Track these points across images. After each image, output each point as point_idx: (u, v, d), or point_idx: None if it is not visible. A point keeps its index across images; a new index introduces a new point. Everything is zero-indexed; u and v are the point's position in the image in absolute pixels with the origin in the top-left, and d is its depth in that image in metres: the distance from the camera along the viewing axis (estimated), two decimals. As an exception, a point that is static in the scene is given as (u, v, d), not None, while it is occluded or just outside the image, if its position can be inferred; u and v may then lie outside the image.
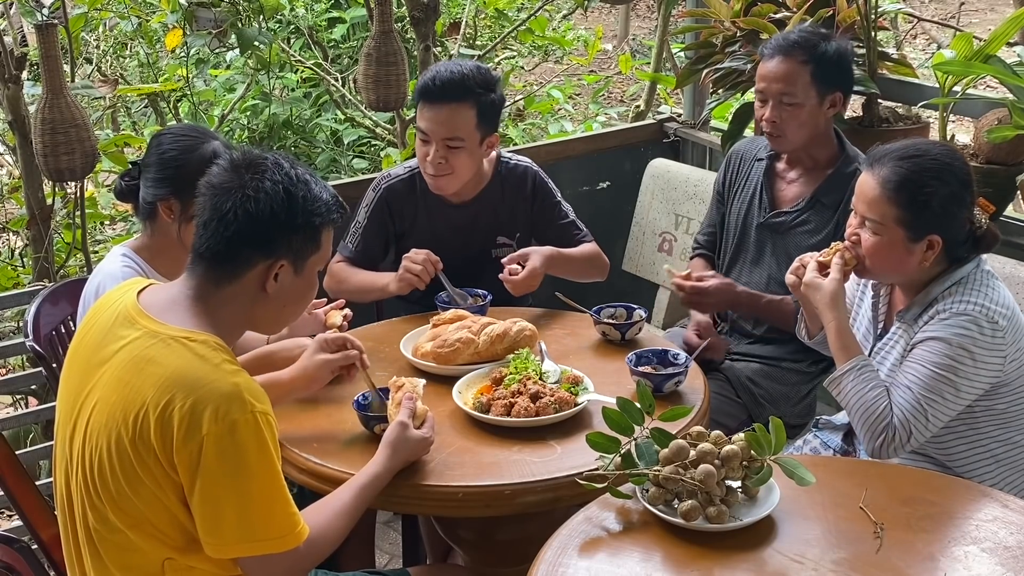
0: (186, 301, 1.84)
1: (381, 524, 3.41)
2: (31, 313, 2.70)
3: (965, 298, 2.23)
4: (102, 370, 1.81)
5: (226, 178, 1.84)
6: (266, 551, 1.77)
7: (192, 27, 4.84)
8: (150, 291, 1.90)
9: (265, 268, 1.84)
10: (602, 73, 8.15)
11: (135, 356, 1.78)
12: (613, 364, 2.52)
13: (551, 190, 3.12)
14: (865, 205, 2.29)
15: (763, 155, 3.06)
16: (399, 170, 3.09)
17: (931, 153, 2.30)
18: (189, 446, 1.70)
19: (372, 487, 2.02)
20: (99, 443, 1.76)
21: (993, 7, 10.29)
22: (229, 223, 1.80)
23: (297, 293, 1.91)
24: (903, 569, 1.80)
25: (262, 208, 1.80)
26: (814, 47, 2.84)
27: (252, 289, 1.85)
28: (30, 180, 3.37)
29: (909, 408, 2.22)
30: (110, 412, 1.76)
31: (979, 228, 2.30)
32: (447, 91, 2.84)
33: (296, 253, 1.86)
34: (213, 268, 1.84)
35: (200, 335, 1.79)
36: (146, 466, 1.73)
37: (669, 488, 1.91)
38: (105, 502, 1.77)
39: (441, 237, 2.99)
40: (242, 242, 1.81)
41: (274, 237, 1.82)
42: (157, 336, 1.79)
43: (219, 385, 1.73)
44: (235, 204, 1.80)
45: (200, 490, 1.72)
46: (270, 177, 1.82)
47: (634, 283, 3.95)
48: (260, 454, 1.74)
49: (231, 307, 1.86)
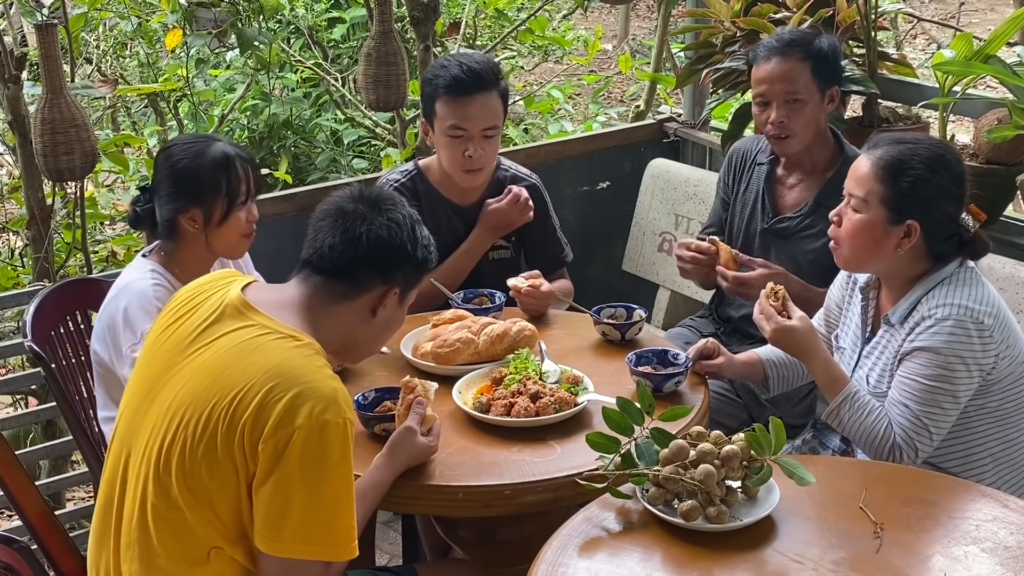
0: (297, 307, 1.91)
1: (381, 524, 3.42)
2: (30, 313, 2.70)
3: (949, 300, 2.22)
4: (199, 353, 1.85)
5: (358, 208, 1.95)
6: (320, 557, 1.79)
7: (192, 27, 4.83)
8: (255, 288, 1.97)
9: (380, 293, 1.94)
10: (602, 73, 8.15)
11: (242, 343, 1.83)
12: (613, 364, 2.52)
13: (547, 203, 3.13)
14: (854, 182, 2.31)
15: (763, 159, 3.06)
16: (396, 175, 3.06)
17: (927, 143, 2.32)
18: (279, 434, 1.73)
19: (375, 494, 2.04)
20: (186, 418, 1.79)
21: (993, 7, 10.29)
22: (360, 246, 1.91)
23: (395, 322, 2.02)
24: (903, 569, 1.80)
25: (394, 236, 1.93)
26: (810, 43, 2.85)
27: (362, 311, 1.95)
28: (30, 180, 3.37)
29: (909, 426, 2.23)
30: (205, 389, 1.79)
31: (967, 231, 2.29)
32: (480, 82, 2.83)
33: (406, 283, 1.98)
34: (331, 284, 1.92)
35: (307, 337, 1.86)
36: (229, 447, 1.76)
37: (669, 488, 1.91)
38: (175, 478, 1.78)
39: (442, 240, 2.99)
40: (368, 265, 1.92)
41: (396, 265, 1.95)
42: (267, 329, 1.84)
43: (320, 385, 1.77)
44: (369, 230, 1.91)
45: (275, 481, 1.74)
46: (400, 212, 1.97)
47: (634, 283, 3.95)
48: (341, 460, 1.77)
49: (338, 324, 1.93)
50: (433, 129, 2.91)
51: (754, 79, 2.91)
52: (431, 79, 2.89)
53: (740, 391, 2.96)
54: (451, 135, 2.85)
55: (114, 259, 4.01)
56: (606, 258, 4.11)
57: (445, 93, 2.83)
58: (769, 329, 2.36)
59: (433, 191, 3.02)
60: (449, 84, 2.82)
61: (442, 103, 2.84)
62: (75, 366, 2.76)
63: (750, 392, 2.94)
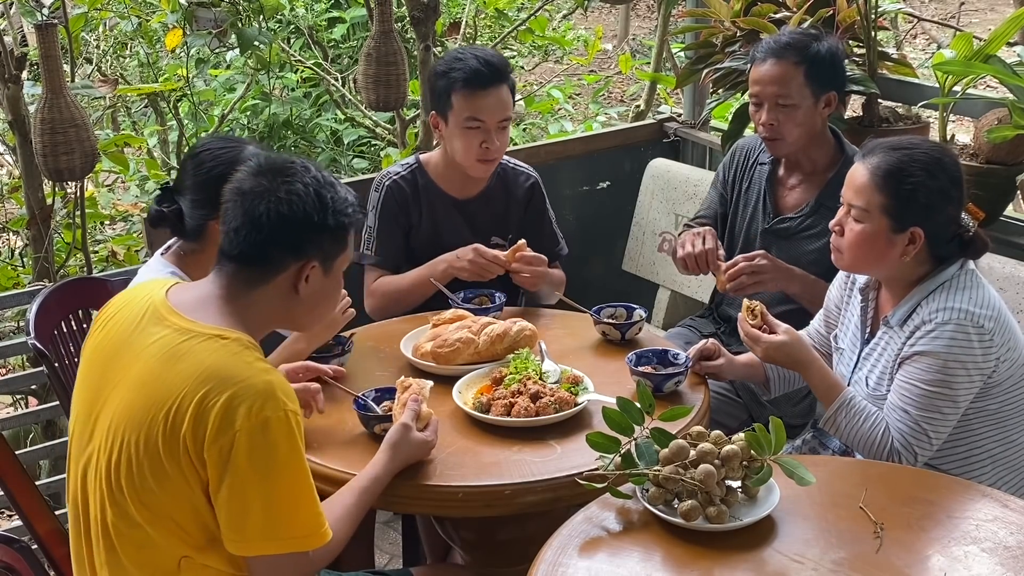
0: (217, 301, 1.85)
1: (381, 524, 3.42)
2: (32, 311, 2.70)
3: (949, 304, 2.22)
4: (129, 366, 1.81)
5: (256, 183, 1.85)
6: (289, 549, 1.77)
7: (192, 27, 4.83)
8: (177, 290, 1.91)
9: (296, 270, 1.86)
10: (602, 73, 8.15)
11: (167, 351, 1.78)
12: (613, 364, 2.52)
13: (544, 198, 3.16)
14: (853, 192, 2.29)
15: (765, 159, 3.06)
16: (398, 168, 3.09)
17: (922, 147, 2.30)
18: (221, 441, 1.71)
19: (372, 489, 2.03)
20: (126, 437, 1.76)
21: (993, 7, 10.29)
22: (263, 227, 1.82)
23: (326, 293, 1.94)
24: (903, 569, 1.80)
25: (296, 210, 1.82)
26: (806, 48, 2.84)
27: (284, 290, 1.87)
28: (30, 180, 3.37)
29: (908, 431, 2.23)
30: (140, 405, 1.76)
31: (967, 231, 2.29)
32: (497, 75, 2.89)
33: (326, 254, 1.88)
34: (244, 270, 1.86)
35: (232, 333, 1.80)
36: (175, 459, 1.73)
37: (669, 488, 1.91)
38: (128, 496, 1.77)
39: (442, 233, 3.02)
40: (275, 245, 1.84)
41: (306, 239, 1.85)
42: (189, 333, 1.79)
43: (254, 382, 1.74)
44: (268, 208, 1.82)
45: (228, 486, 1.72)
46: (301, 180, 1.84)
47: (634, 283, 3.95)
48: (290, 452, 1.75)
49: (262, 308, 1.87)
50: (446, 122, 2.93)
51: (750, 79, 2.92)
52: (446, 72, 2.90)
53: (740, 391, 2.96)
54: (468, 127, 2.88)
55: (114, 259, 4.01)
56: (606, 258, 4.11)
57: (464, 87, 2.86)
58: (760, 350, 2.37)
59: (433, 185, 3.04)
60: (468, 77, 2.85)
61: (459, 96, 2.87)
62: (77, 365, 2.76)
63: (750, 392, 2.94)
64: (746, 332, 2.38)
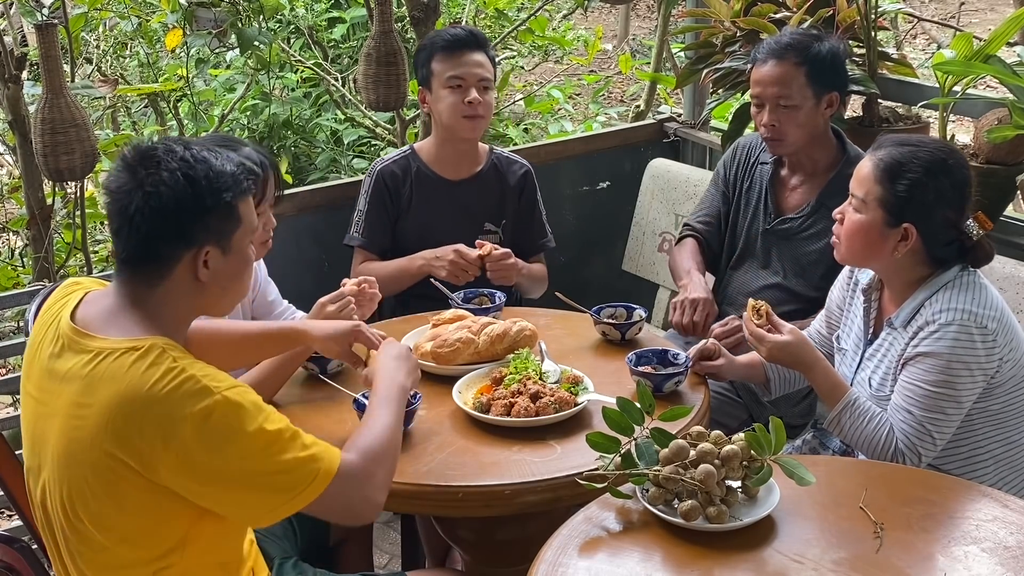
0: (124, 310, 1.77)
1: (380, 524, 3.41)
2: (32, 311, 2.69)
3: (952, 305, 2.22)
4: (58, 394, 1.75)
5: (122, 180, 1.74)
6: (310, 498, 1.73)
7: (192, 27, 4.83)
8: (88, 302, 1.83)
9: (191, 259, 1.76)
10: (602, 73, 8.15)
11: (84, 381, 1.71)
12: (613, 364, 2.52)
13: (536, 188, 3.24)
14: (856, 182, 2.31)
15: (766, 158, 3.06)
16: (393, 154, 3.21)
17: (930, 147, 2.29)
18: (172, 449, 1.65)
19: (400, 399, 2.02)
20: (72, 471, 1.71)
21: (993, 7, 10.29)
22: (139, 225, 1.72)
23: (233, 272, 1.84)
24: (903, 569, 1.80)
25: (166, 201, 1.71)
26: (807, 48, 2.84)
27: (186, 282, 1.78)
28: (30, 180, 3.37)
29: (912, 432, 2.23)
30: (78, 438, 1.70)
31: (968, 238, 2.28)
32: (472, 39, 3.06)
33: (218, 235, 1.78)
34: (139, 271, 1.78)
35: (146, 340, 1.71)
36: (128, 481, 1.68)
37: (669, 488, 1.91)
38: (88, 524, 1.72)
39: (433, 219, 3.08)
40: (159, 239, 1.74)
41: (189, 226, 1.74)
42: (101, 354, 1.71)
43: (175, 387, 1.66)
44: (138, 204, 1.72)
45: (205, 483, 1.68)
46: (165, 167, 1.73)
47: (634, 283, 3.95)
48: (249, 424, 1.69)
49: (170, 304, 1.79)
50: (431, 90, 3.07)
51: (751, 80, 2.92)
52: (425, 45, 3.11)
53: (740, 391, 2.96)
54: (450, 86, 3.03)
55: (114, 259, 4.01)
56: (606, 258, 4.11)
57: (441, 50, 3.04)
58: (764, 350, 2.36)
59: (425, 168, 3.14)
60: (446, 42, 3.04)
61: (439, 60, 3.04)
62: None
63: (750, 392, 2.94)
64: (751, 332, 2.38)
